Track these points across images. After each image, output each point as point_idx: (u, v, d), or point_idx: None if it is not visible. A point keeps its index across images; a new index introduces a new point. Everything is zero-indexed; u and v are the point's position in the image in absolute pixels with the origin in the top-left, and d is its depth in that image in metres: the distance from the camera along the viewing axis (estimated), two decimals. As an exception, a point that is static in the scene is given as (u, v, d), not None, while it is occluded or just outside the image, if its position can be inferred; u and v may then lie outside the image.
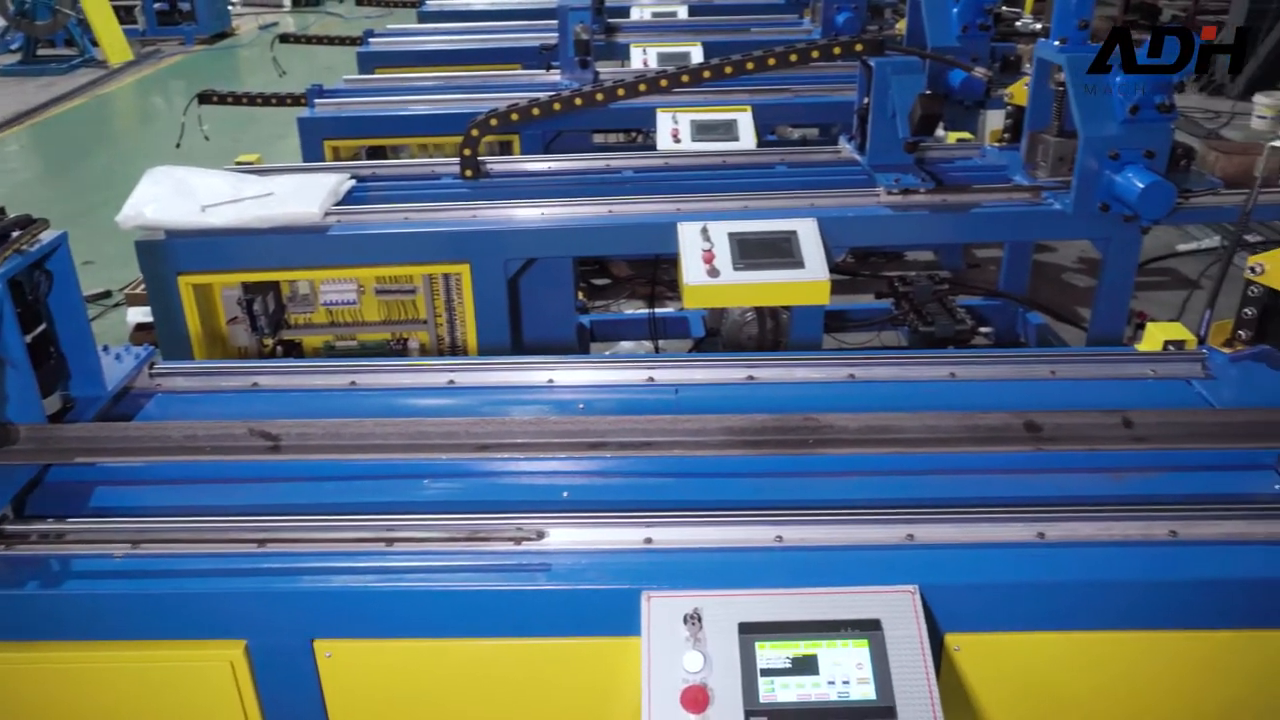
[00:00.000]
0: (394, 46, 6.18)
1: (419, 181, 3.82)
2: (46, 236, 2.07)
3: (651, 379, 2.35)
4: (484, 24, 6.76)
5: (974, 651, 1.76)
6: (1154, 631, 1.76)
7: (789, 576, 1.74)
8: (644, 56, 5.62)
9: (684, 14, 7.00)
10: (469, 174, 3.76)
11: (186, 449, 1.96)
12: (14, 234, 2.00)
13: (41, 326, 2.11)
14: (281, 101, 5.39)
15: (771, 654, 1.65)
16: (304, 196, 3.35)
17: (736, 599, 1.71)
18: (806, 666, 1.64)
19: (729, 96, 4.61)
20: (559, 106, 3.86)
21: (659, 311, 4.60)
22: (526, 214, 3.43)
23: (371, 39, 6.30)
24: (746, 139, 4.23)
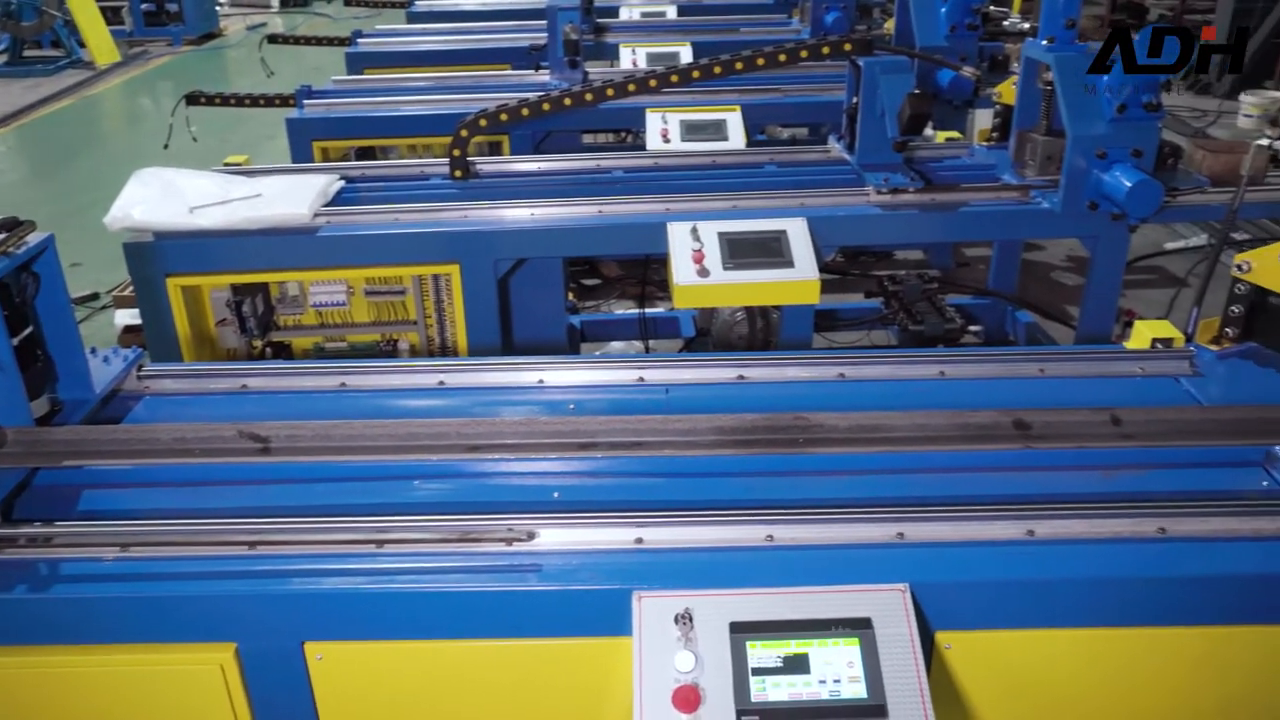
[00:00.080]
0: (383, 47, 6.17)
1: (408, 182, 3.82)
2: (33, 238, 2.06)
3: (642, 379, 2.35)
4: (473, 24, 6.75)
5: (964, 649, 1.77)
6: (1144, 628, 1.77)
7: (780, 576, 1.74)
8: (633, 57, 5.62)
9: (673, 14, 7.00)
10: (458, 174, 3.76)
11: (175, 451, 1.95)
12: (1, 236, 1.99)
13: (29, 329, 2.10)
14: (270, 102, 5.37)
15: (763, 653, 1.65)
16: (293, 197, 3.34)
17: (727, 598, 1.71)
18: (798, 665, 1.64)
19: (718, 96, 4.61)
20: (548, 107, 3.86)
21: (649, 312, 4.61)
22: (516, 214, 3.42)
23: (360, 40, 6.28)
24: (736, 139, 4.23)
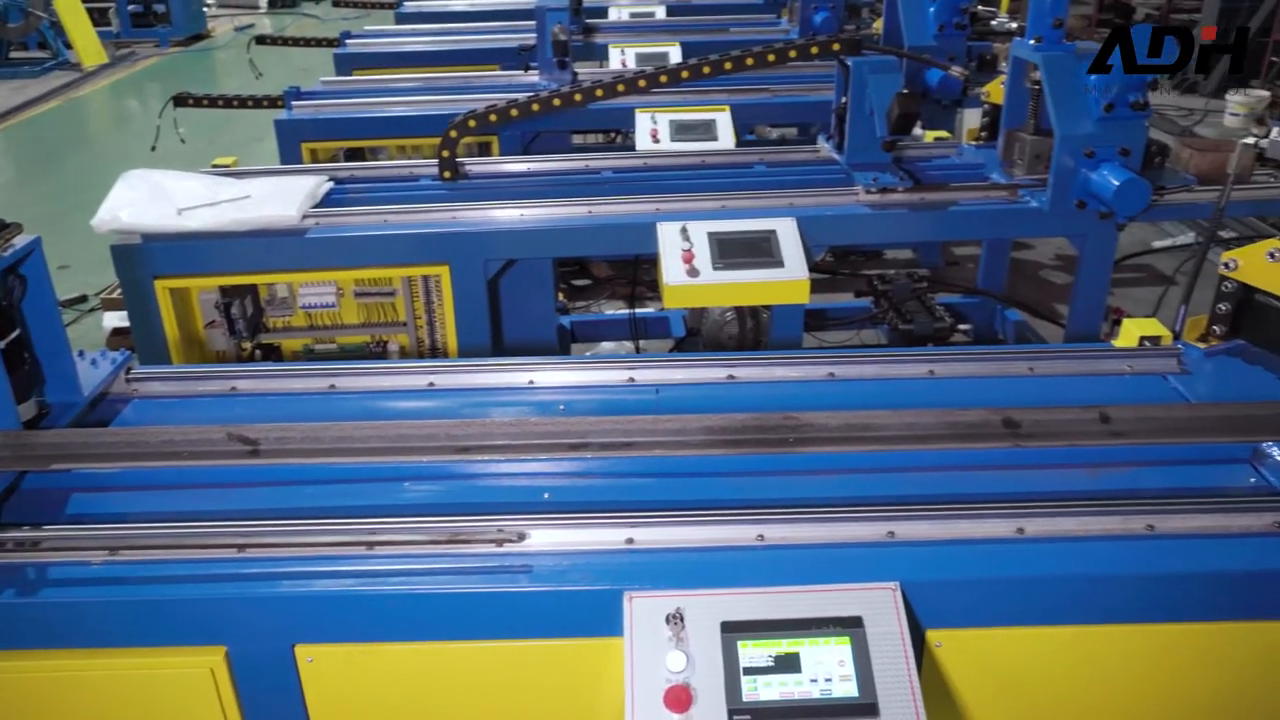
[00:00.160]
0: (371, 48, 6.16)
1: (397, 183, 3.81)
2: (20, 241, 2.05)
3: (632, 379, 2.35)
4: (462, 25, 6.74)
5: (955, 647, 1.77)
6: (1133, 625, 1.77)
7: (770, 575, 1.74)
8: (622, 57, 5.62)
9: (662, 14, 7.00)
10: (448, 175, 3.75)
11: (164, 454, 1.94)
12: (-13, 239, 1.98)
13: (16, 332, 2.09)
14: (258, 104, 5.36)
15: (754, 652, 1.65)
16: (281, 199, 3.33)
17: (718, 598, 1.71)
18: (789, 665, 1.64)
19: (708, 96, 4.62)
20: (537, 107, 3.86)
21: (639, 312, 4.61)
22: (506, 215, 3.42)
23: (349, 40, 6.27)
24: (725, 139, 4.24)
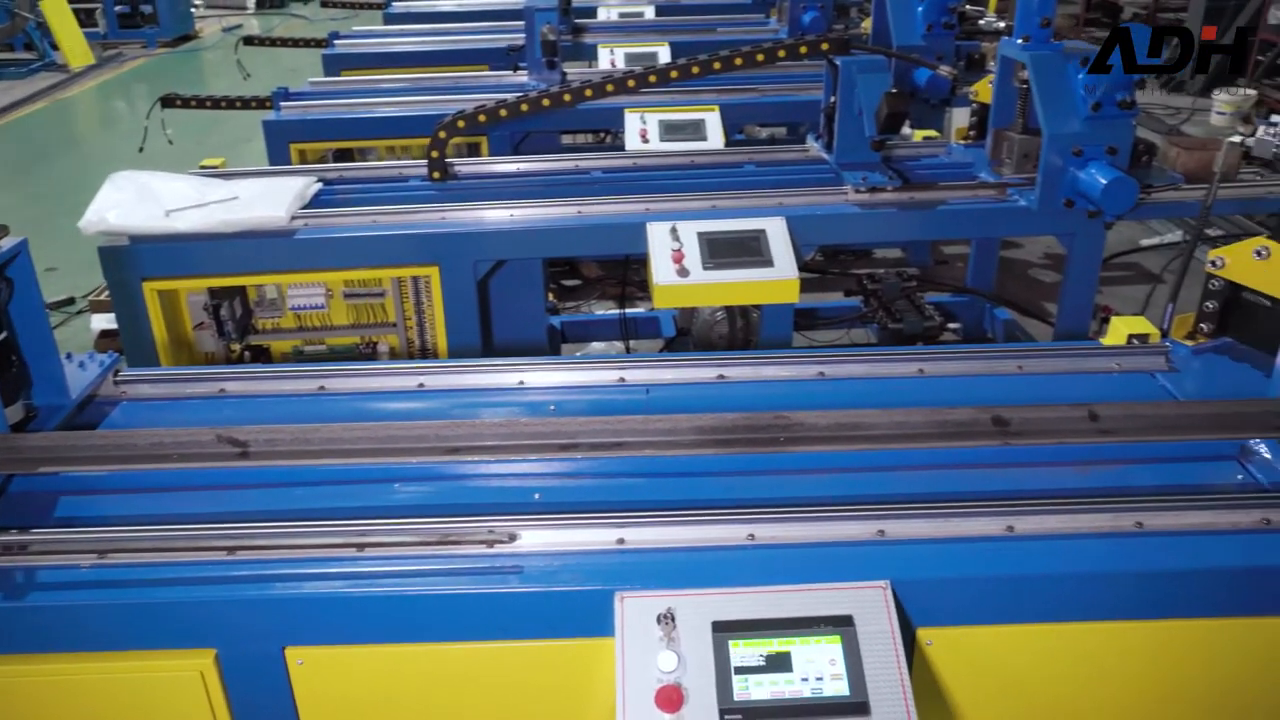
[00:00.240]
0: (360, 49, 6.14)
1: (386, 184, 3.80)
2: (6, 243, 2.04)
3: (622, 379, 2.35)
4: (450, 25, 6.72)
5: (946, 645, 1.77)
6: (1122, 622, 1.78)
7: (761, 574, 1.74)
8: (611, 57, 5.62)
9: (651, 14, 7.01)
10: (437, 176, 3.75)
11: (153, 457, 1.93)
12: (-27, 241, 1.97)
13: (3, 334, 2.09)
14: (246, 105, 5.34)
15: (745, 652, 1.66)
16: (270, 200, 3.32)
17: (709, 598, 1.71)
18: (780, 664, 1.64)
19: (697, 96, 4.62)
20: (526, 108, 3.86)
21: (629, 312, 4.61)
22: (495, 215, 3.42)
23: (337, 41, 6.26)
24: (715, 139, 4.24)
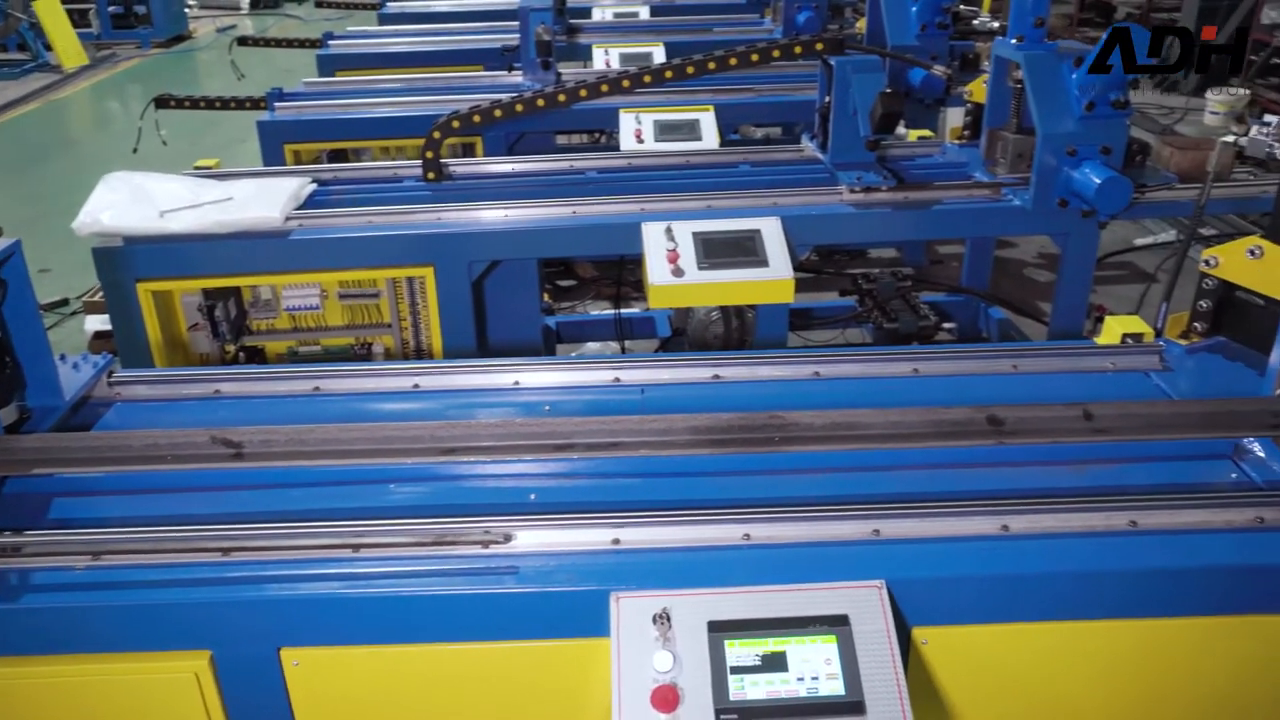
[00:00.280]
0: (354, 49, 6.13)
1: (381, 184, 3.80)
2: (0, 244, 2.03)
3: (618, 379, 2.35)
4: (445, 26, 6.72)
5: (941, 644, 1.78)
6: (1117, 621, 1.78)
7: (757, 574, 1.74)
8: (606, 57, 5.62)
9: (646, 14, 7.01)
10: (432, 176, 3.74)
11: (147, 458, 1.93)
12: (-34, 243, 1.96)
13: (-4, 336, 2.08)
14: (240, 105, 5.33)
15: (741, 652, 1.66)
16: (264, 201, 3.31)
17: (705, 598, 1.71)
18: (776, 663, 1.65)
19: (692, 96, 4.62)
20: (521, 108, 3.86)
21: (625, 312, 4.61)
22: (490, 216, 3.41)
23: (331, 41, 6.25)
24: (709, 139, 4.24)
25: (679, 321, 4.25)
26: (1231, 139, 3.60)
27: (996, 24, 5.62)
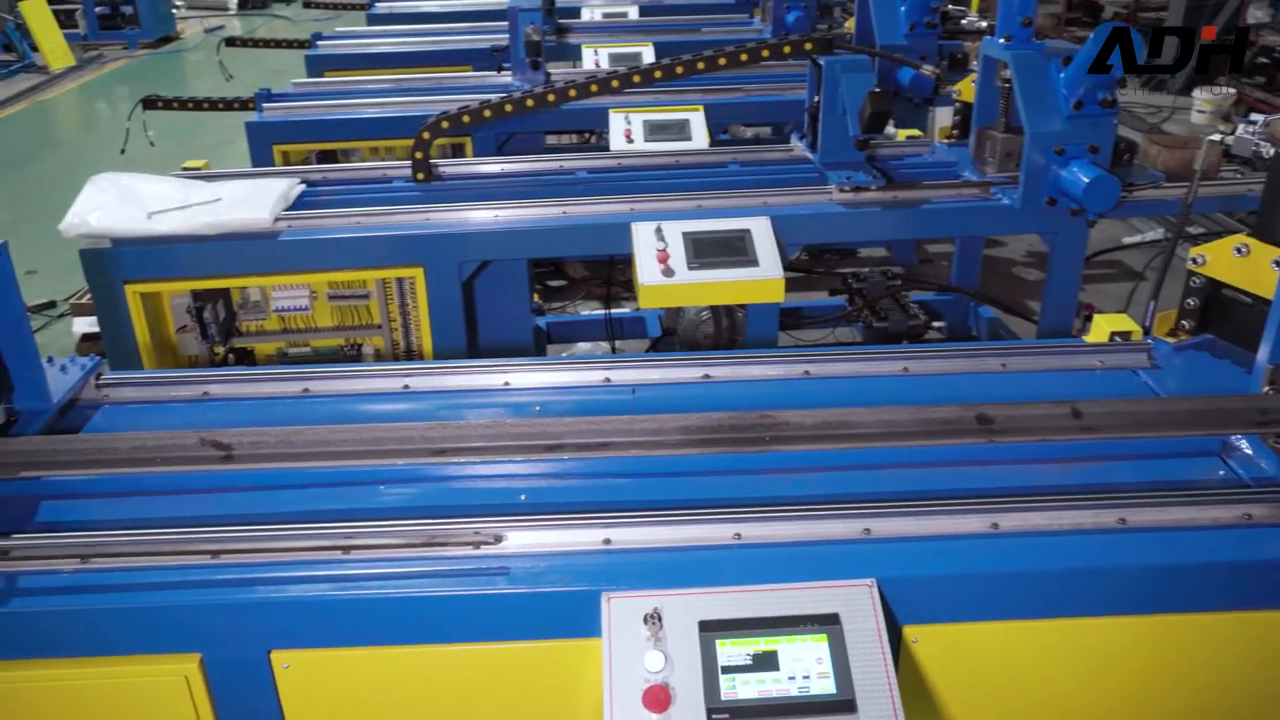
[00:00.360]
0: (343, 49, 6.12)
1: (370, 185, 3.79)
2: (-14, 246, 2.03)
3: (608, 380, 2.35)
4: (434, 26, 6.71)
5: (932, 642, 1.78)
6: (1106, 618, 1.79)
7: (748, 573, 1.75)
8: (595, 57, 5.62)
9: (635, 14, 7.01)
10: (421, 177, 3.74)
11: (136, 460, 1.92)
12: (-48, 245, 1.95)
13: (-17, 339, 2.07)
14: (229, 106, 5.32)
15: (732, 651, 1.66)
16: (253, 202, 3.30)
17: (696, 597, 1.71)
18: (767, 663, 1.65)
19: (681, 96, 4.62)
20: (510, 108, 3.85)
21: (615, 312, 4.61)
22: (480, 216, 3.41)
23: (320, 42, 6.23)
24: (699, 138, 4.24)
25: (669, 321, 4.25)
26: (1218, 138, 3.62)
27: (985, 23, 5.63)
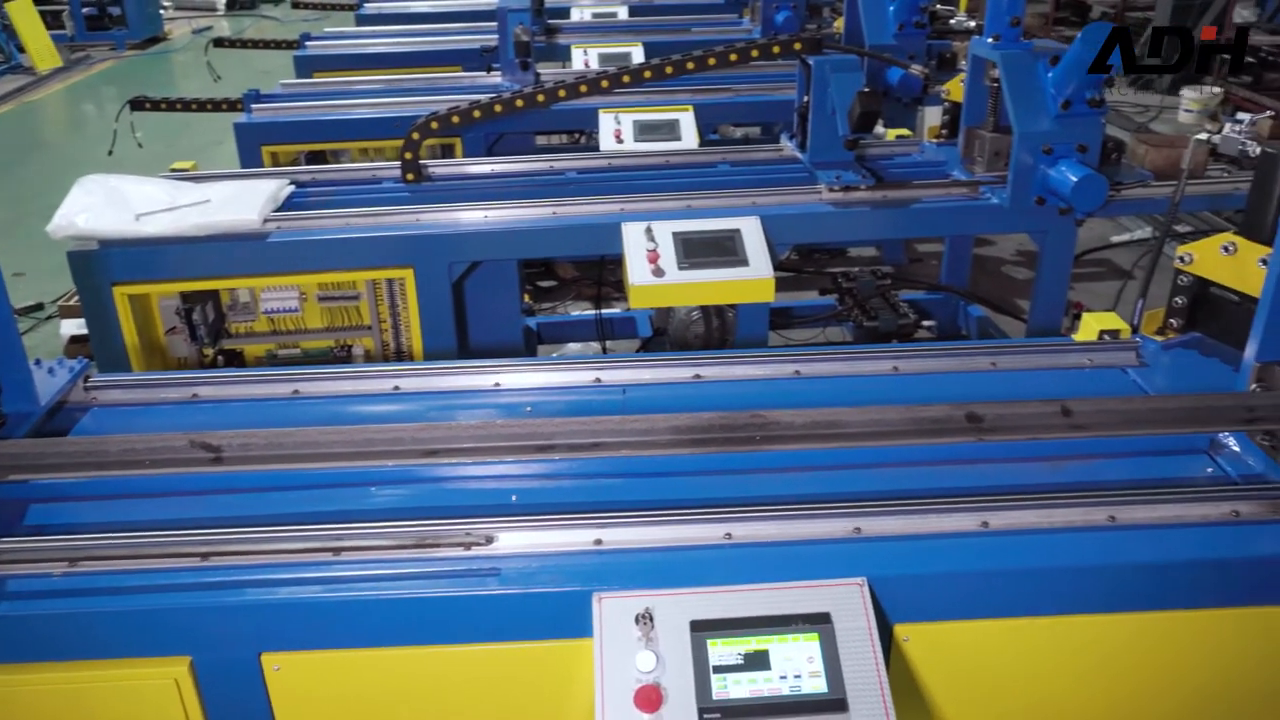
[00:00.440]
0: (332, 50, 6.11)
1: (360, 186, 3.78)
2: (-27, 249, 2.02)
3: (599, 380, 2.35)
4: (423, 27, 6.70)
5: (923, 641, 1.78)
6: (1096, 615, 1.80)
7: (739, 573, 1.75)
8: (585, 57, 5.62)
9: (624, 14, 7.01)
10: (411, 178, 3.73)
11: (124, 463, 1.91)
12: (-62, 247, 1.94)
13: (-30, 342, 2.06)
14: (217, 107, 5.30)
15: (723, 651, 1.66)
16: (242, 203, 3.30)
17: (687, 597, 1.71)
18: (758, 662, 1.65)
19: (671, 96, 4.63)
20: (500, 108, 3.85)
21: (606, 312, 4.61)
22: (470, 217, 3.41)
23: (309, 42, 6.21)
24: (689, 138, 4.25)
25: (660, 321, 4.26)
26: (1205, 136, 3.63)
27: (973, 23, 5.65)
